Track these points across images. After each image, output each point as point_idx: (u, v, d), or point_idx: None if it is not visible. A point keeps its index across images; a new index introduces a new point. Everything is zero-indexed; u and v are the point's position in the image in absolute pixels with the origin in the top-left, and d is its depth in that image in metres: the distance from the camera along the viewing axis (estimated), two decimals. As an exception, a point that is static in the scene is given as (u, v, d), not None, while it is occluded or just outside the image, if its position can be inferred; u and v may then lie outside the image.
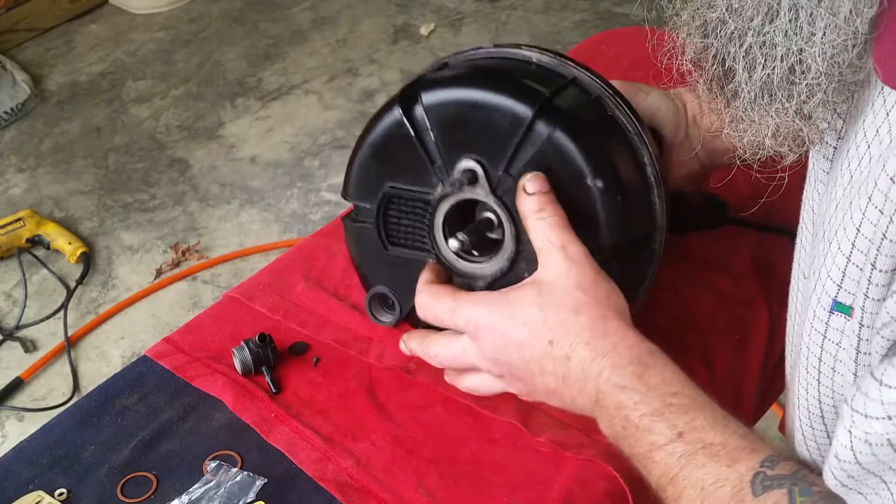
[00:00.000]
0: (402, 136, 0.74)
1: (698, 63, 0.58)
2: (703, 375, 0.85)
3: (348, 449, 0.79)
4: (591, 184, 0.69)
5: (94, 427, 0.82)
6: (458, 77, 0.74)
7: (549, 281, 0.68)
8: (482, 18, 2.93)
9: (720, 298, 0.91)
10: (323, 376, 0.85)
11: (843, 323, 0.55)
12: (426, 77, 0.76)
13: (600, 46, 1.30)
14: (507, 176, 0.71)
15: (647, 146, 0.74)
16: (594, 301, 0.67)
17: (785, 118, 0.54)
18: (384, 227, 0.78)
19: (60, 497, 0.76)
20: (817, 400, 0.61)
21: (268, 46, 2.93)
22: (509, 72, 0.75)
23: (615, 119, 0.74)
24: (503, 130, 0.70)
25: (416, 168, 0.74)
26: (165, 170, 2.49)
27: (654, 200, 0.74)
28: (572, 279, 0.68)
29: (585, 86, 0.74)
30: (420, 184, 0.75)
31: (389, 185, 0.76)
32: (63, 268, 2.21)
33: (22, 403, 1.91)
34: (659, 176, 0.74)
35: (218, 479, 0.76)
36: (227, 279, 2.17)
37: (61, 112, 2.71)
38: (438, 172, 0.73)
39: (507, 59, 0.76)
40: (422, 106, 0.73)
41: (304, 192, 2.39)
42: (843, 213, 0.54)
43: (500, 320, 0.69)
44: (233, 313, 0.93)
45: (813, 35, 0.50)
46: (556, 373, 0.68)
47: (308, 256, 0.98)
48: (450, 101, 0.72)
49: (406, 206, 0.76)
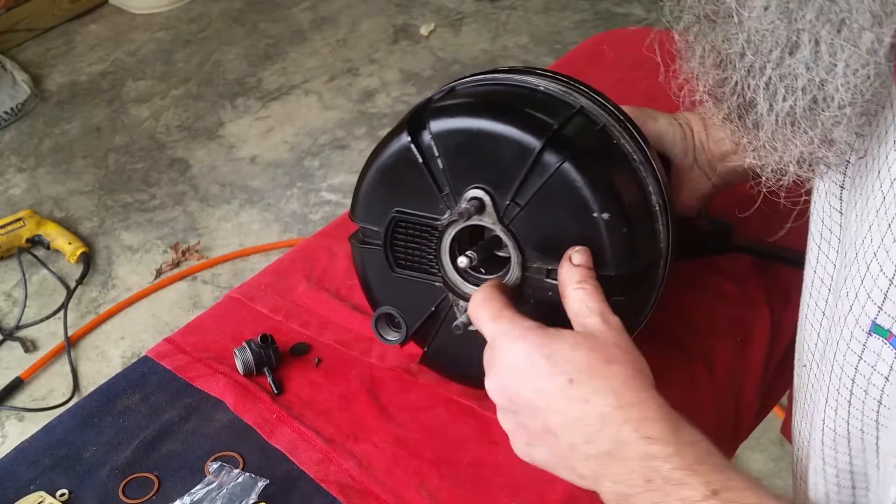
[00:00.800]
0: (410, 162, 0.74)
1: (715, 95, 0.57)
2: (704, 377, 0.85)
3: (350, 450, 0.79)
4: (597, 216, 0.70)
5: (96, 427, 0.82)
6: (466, 105, 0.75)
7: (586, 334, 0.66)
8: (482, 18, 2.93)
9: (722, 300, 0.91)
10: (325, 377, 0.85)
11: (881, 346, 0.54)
12: (434, 104, 0.76)
13: (601, 47, 1.30)
14: (515, 205, 0.72)
15: (653, 173, 0.74)
16: (628, 360, 0.64)
17: (810, 146, 0.53)
18: (391, 250, 0.78)
19: (62, 497, 0.76)
20: (846, 422, 0.60)
21: (268, 46, 2.93)
22: (517, 101, 0.75)
23: (621, 148, 0.74)
24: (511, 161, 0.71)
25: (424, 194, 0.74)
26: (165, 170, 2.49)
27: (659, 229, 0.74)
28: (610, 337, 0.65)
29: (592, 115, 0.75)
30: (428, 209, 0.75)
31: (397, 209, 0.76)
32: (63, 268, 2.21)
33: (22, 403, 1.91)
34: (665, 203, 0.74)
35: (220, 480, 0.76)
36: (227, 279, 2.17)
37: (61, 112, 2.71)
38: (446, 199, 0.74)
39: (515, 87, 0.76)
40: (430, 133, 0.73)
41: (304, 192, 2.39)
42: (883, 235, 0.53)
43: (528, 345, 0.65)
44: (234, 314, 0.93)
45: (835, 66, 0.49)
46: (566, 412, 0.62)
47: (309, 257, 0.99)
48: (458, 129, 0.72)
49: (413, 230, 0.77)
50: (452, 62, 2.81)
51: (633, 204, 0.73)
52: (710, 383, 0.85)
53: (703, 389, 0.84)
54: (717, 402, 0.84)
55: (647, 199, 0.74)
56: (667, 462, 0.58)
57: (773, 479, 1.72)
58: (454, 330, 0.74)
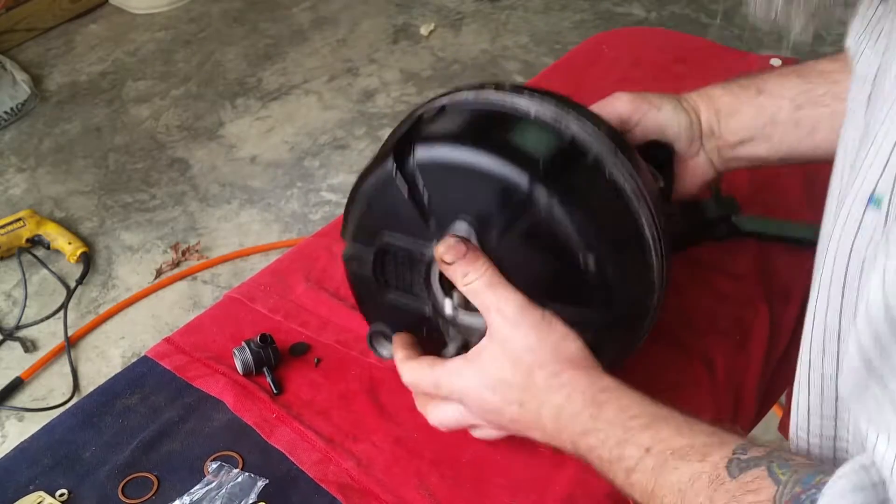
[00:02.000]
0: (396, 189, 0.72)
1: None
2: (703, 376, 0.85)
3: (349, 450, 0.79)
4: (584, 259, 0.69)
5: (95, 427, 0.82)
6: (451, 135, 0.72)
7: (500, 339, 0.70)
8: (482, 18, 2.93)
9: (721, 299, 0.91)
10: (324, 377, 0.86)
11: (877, 219, 0.52)
12: (422, 126, 0.74)
13: (601, 47, 1.30)
14: (500, 241, 0.70)
15: (647, 204, 0.72)
16: (544, 359, 0.69)
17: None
18: (381, 273, 0.77)
19: (61, 498, 0.76)
20: (838, 313, 0.57)
21: (268, 46, 2.93)
22: (505, 132, 0.72)
23: (613, 181, 0.72)
24: (496, 198, 0.69)
25: (411, 222, 0.73)
26: (165, 170, 2.49)
27: (652, 261, 0.73)
28: (519, 343, 0.69)
29: (583, 145, 0.72)
30: (415, 237, 0.73)
31: (385, 234, 0.74)
32: (63, 268, 2.21)
33: (22, 403, 1.91)
34: (659, 235, 0.73)
35: (219, 479, 0.76)
36: (227, 279, 2.17)
37: (61, 112, 2.71)
38: (433, 229, 0.72)
39: (505, 114, 0.73)
40: (415, 161, 0.71)
41: (305, 192, 2.39)
42: (891, 105, 0.52)
43: (475, 387, 0.71)
44: (234, 314, 0.93)
45: None
46: (538, 428, 0.70)
47: (309, 257, 0.99)
48: (443, 162, 0.71)
49: (402, 257, 0.75)
50: (452, 62, 2.81)
51: (622, 241, 0.71)
52: (709, 382, 0.85)
53: (701, 388, 0.84)
54: (715, 402, 0.84)
55: (639, 233, 0.72)
56: (604, 446, 0.65)
57: (773, 478, 1.72)
58: (444, 355, 0.74)
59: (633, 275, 0.73)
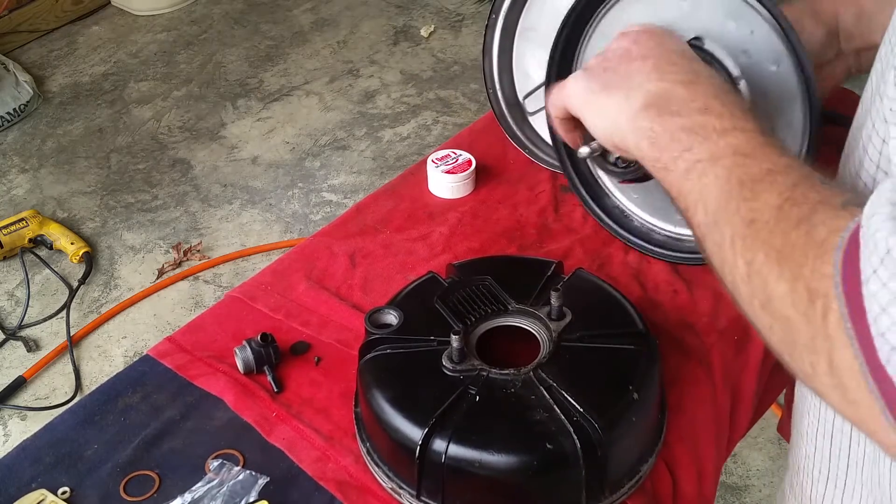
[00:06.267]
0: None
1: None
2: (701, 376, 0.85)
3: (348, 447, 0.79)
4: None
5: (97, 426, 0.82)
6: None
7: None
8: (482, 20, 2.94)
9: (719, 299, 0.91)
10: (324, 375, 0.86)
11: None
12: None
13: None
14: None
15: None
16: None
17: None
18: None
19: (63, 495, 0.76)
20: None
21: (269, 48, 2.94)
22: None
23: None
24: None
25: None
26: (167, 170, 2.50)
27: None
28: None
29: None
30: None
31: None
32: (65, 268, 2.22)
33: (24, 402, 1.92)
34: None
35: (220, 477, 0.76)
36: (228, 279, 2.18)
37: (64, 113, 2.72)
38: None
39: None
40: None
41: (305, 193, 2.40)
42: None
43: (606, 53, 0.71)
44: (235, 313, 0.93)
45: None
46: (646, 56, 0.68)
47: (309, 256, 0.99)
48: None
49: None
50: (452, 63, 2.81)
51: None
52: (707, 381, 0.85)
53: (700, 387, 0.84)
54: (714, 401, 0.84)
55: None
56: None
57: (772, 477, 1.73)
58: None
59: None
